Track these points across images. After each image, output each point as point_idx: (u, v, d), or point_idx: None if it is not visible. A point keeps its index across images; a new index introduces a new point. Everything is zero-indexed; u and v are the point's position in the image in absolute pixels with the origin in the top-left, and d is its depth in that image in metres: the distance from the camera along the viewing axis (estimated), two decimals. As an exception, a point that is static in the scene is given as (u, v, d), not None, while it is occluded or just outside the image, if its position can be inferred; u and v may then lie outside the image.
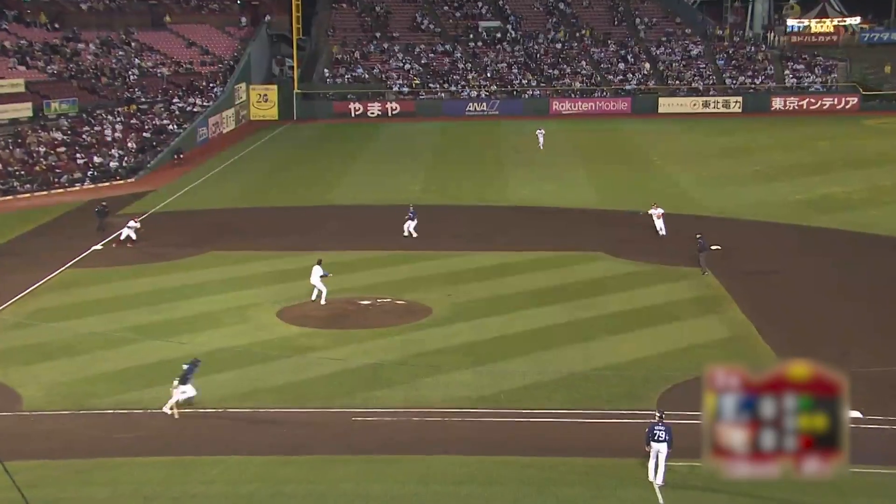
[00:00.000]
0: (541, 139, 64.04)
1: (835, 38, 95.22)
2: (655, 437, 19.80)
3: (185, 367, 23.88)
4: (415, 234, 40.98)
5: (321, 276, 32.64)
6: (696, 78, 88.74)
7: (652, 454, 19.82)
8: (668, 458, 19.69)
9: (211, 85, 79.12)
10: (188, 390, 23.48)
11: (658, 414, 20.24)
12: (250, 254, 39.70)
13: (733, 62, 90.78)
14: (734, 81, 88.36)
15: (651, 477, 19.76)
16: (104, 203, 44.20)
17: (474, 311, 31.55)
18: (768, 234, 42.18)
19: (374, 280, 35.58)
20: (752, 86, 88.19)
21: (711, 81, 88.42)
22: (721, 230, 42.04)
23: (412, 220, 41.35)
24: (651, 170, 59.15)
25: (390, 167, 61.24)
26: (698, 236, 36.86)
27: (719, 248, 39.44)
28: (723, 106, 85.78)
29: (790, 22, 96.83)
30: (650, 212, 40.52)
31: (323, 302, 32.37)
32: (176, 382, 23.43)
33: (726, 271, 36.14)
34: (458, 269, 37.02)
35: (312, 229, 44.16)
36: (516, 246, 40.47)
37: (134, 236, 40.79)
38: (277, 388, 25.06)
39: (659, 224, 39.88)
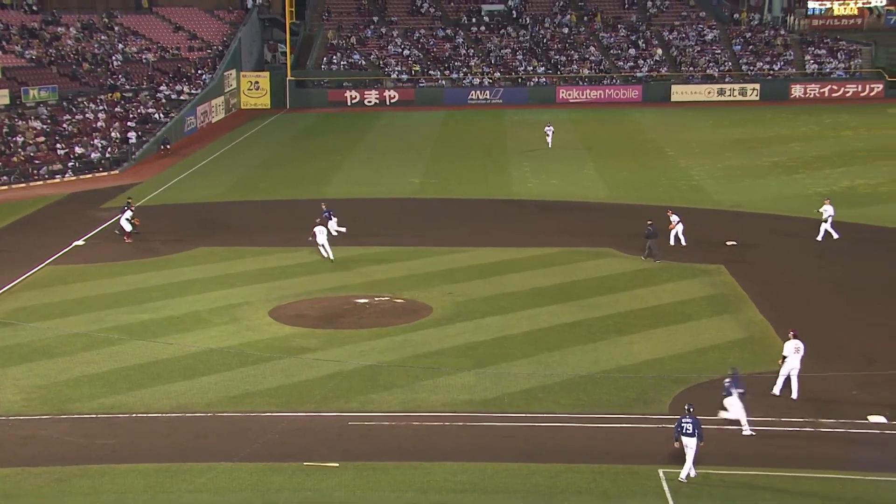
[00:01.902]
0: (549, 137, 62.58)
1: (859, 20, 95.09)
2: (683, 431, 20.17)
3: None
4: (341, 231, 40.56)
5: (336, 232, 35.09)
6: (710, 64, 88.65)
7: (686, 450, 20.22)
8: (697, 451, 20.09)
9: (199, 72, 79.11)
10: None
11: (687, 407, 20.47)
12: (241, 250, 39.71)
13: (750, 47, 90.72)
14: (751, 68, 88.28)
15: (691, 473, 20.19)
16: (130, 199, 44.01)
17: (476, 311, 31.58)
18: (787, 230, 42.18)
19: (372, 277, 35.61)
20: (771, 72, 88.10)
21: (727, 68, 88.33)
22: (737, 225, 42.03)
23: (330, 219, 40.76)
24: (663, 161, 59.13)
25: (388, 159, 61.25)
26: (649, 223, 37.47)
27: (735, 243, 39.50)
28: (739, 94, 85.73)
29: (811, 4, 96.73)
30: (671, 219, 39.40)
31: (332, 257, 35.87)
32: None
33: (742, 269, 36.15)
34: (460, 265, 37.04)
35: (306, 224, 44.14)
36: (520, 242, 40.48)
37: (128, 227, 40.76)
38: (270, 392, 25.10)
39: (676, 232, 39.13)
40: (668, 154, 61.51)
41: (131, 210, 41.53)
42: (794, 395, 23.97)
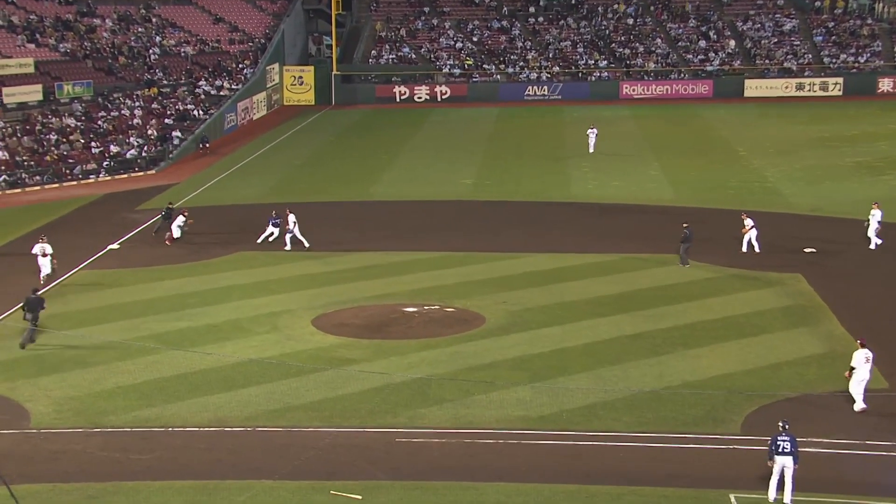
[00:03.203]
0: (592, 139, 60.55)
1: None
2: (780, 450, 19.91)
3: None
4: (306, 244, 40.42)
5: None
6: (788, 57, 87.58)
7: (775, 470, 19.95)
8: (795, 473, 19.82)
9: (240, 66, 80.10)
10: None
11: (781, 424, 20.26)
12: (283, 254, 40.07)
13: (833, 38, 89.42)
14: (834, 60, 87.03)
15: (772, 496, 19.83)
16: (171, 204, 44.79)
17: (532, 321, 31.55)
18: (871, 236, 41.52)
19: (421, 285, 35.72)
20: (856, 65, 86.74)
21: (807, 60, 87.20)
22: (816, 231, 41.48)
23: (275, 226, 40.87)
24: (734, 161, 58.52)
25: (439, 158, 61.41)
26: (685, 226, 37.19)
27: (814, 250, 39.00)
28: (820, 89, 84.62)
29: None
30: (745, 222, 38.83)
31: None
32: None
33: (822, 278, 35.66)
34: (514, 272, 37.03)
35: (351, 227, 44.47)
36: (579, 247, 40.35)
37: (178, 233, 41.51)
38: (312, 405, 25.29)
39: (749, 237, 38.63)
40: (739, 154, 60.88)
41: (184, 216, 42.01)
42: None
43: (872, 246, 39.14)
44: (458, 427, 23.87)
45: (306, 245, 40.23)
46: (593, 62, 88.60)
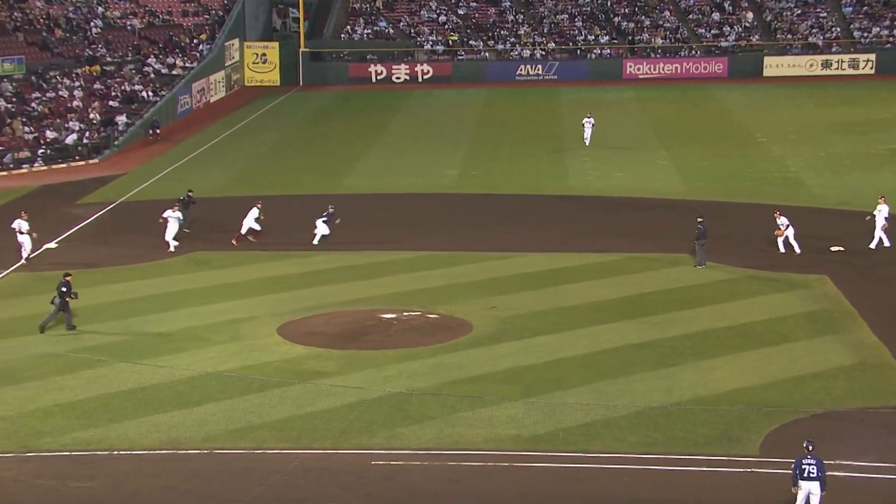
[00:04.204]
0: (588, 131, 59.07)
1: None
2: (805, 475, 19.93)
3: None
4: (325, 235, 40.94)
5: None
6: (813, 31, 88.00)
7: (800, 497, 20.03)
8: (822, 501, 19.86)
9: (195, 41, 79.94)
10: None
11: (806, 445, 20.32)
12: (245, 254, 40.04)
13: (864, 9, 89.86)
14: (865, 34, 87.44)
15: None
16: (191, 192, 44.51)
17: (525, 328, 31.59)
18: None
19: (400, 288, 35.72)
20: (890, 39, 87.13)
21: (834, 35, 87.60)
22: (844, 227, 41.66)
23: (326, 224, 41.01)
24: (752, 149, 58.75)
25: (421, 147, 61.41)
26: (699, 220, 37.35)
27: (842, 249, 39.18)
28: (849, 66, 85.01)
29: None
30: (778, 222, 38.90)
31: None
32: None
33: (851, 280, 35.83)
34: (505, 274, 37.07)
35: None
36: (579, 246, 40.42)
37: (257, 226, 41.20)
38: (277, 424, 25.25)
39: (786, 237, 38.54)
40: (758, 140, 61.10)
41: (258, 207, 41.68)
42: None
43: (874, 244, 39.11)
44: (442, 448, 23.86)
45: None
46: (593, 38, 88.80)
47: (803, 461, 20.10)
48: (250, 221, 41.50)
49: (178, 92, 72.00)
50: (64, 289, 31.77)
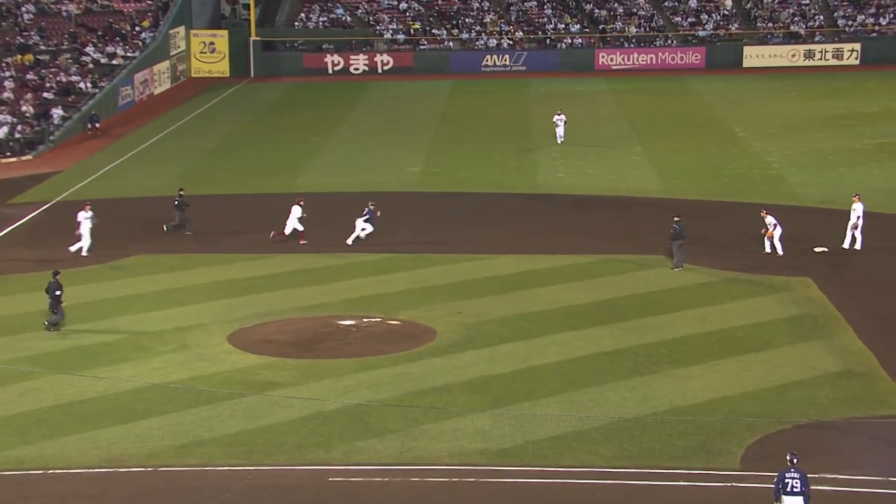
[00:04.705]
0: (560, 128, 58.82)
1: None
2: (788, 489, 20.00)
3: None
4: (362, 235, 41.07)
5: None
6: (795, 19, 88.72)
7: None
8: None
9: (137, 29, 79.43)
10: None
11: (790, 458, 20.40)
12: (192, 257, 39.91)
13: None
14: (850, 22, 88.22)
15: None
16: (182, 191, 43.91)
17: (492, 335, 31.65)
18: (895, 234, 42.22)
19: (359, 293, 35.71)
20: (876, 28, 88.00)
21: (818, 23, 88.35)
22: (829, 226, 41.99)
23: (368, 221, 41.09)
24: (732, 144, 59.14)
25: (380, 142, 61.34)
26: (676, 219, 37.61)
27: (826, 250, 39.52)
28: (833, 57, 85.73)
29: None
30: (766, 221, 39.07)
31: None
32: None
33: (836, 282, 36.16)
34: (471, 277, 37.14)
35: (275, 225, 44.27)
36: (549, 248, 40.57)
37: (300, 226, 41.05)
38: (228, 439, 25.15)
39: (773, 236, 38.85)
40: (737, 135, 61.53)
41: (300, 205, 41.47)
42: None
43: (846, 244, 39.43)
44: (404, 463, 23.85)
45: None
46: (563, 26, 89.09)
47: (786, 475, 20.18)
48: (294, 222, 41.24)
49: (118, 83, 71.54)
50: (58, 292, 32.16)
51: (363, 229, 41.21)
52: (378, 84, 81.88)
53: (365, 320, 33.30)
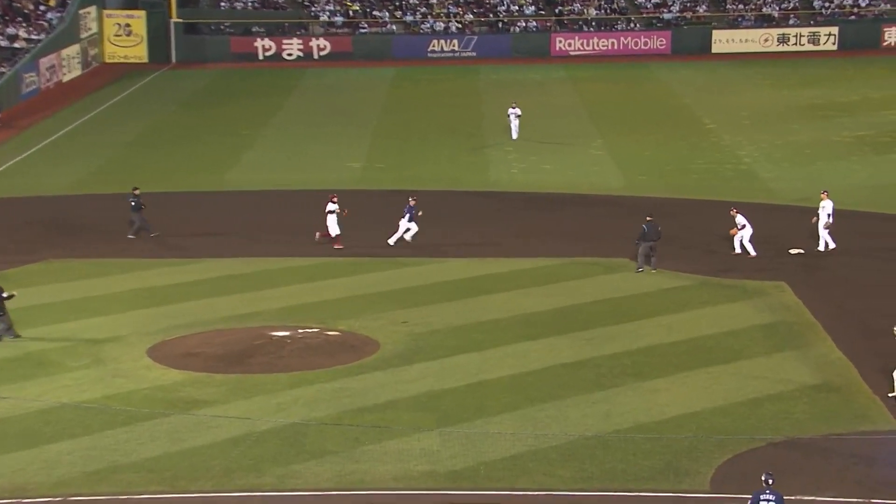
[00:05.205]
0: (514, 123, 58.61)
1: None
2: None
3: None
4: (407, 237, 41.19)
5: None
6: (768, 1, 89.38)
7: None
8: None
9: (42, 9, 78.67)
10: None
11: (764, 478, 20.58)
12: (108, 262, 39.62)
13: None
14: (827, 4, 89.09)
15: None
16: (136, 190, 43.19)
17: (441, 346, 31.66)
18: (877, 233, 42.69)
19: (295, 301, 35.62)
20: (855, 10, 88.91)
21: (792, 4, 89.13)
22: (805, 226, 42.36)
23: (412, 220, 41.11)
24: (700, 137, 59.59)
25: (317, 135, 61.22)
26: (648, 219, 37.92)
27: (801, 251, 39.90)
28: (809, 41, 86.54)
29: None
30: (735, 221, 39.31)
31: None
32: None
33: (813, 287, 36.52)
34: (418, 283, 37.16)
35: (202, 226, 44.07)
36: (502, 250, 40.68)
37: (337, 229, 40.91)
38: (148, 464, 24.94)
39: (741, 238, 39.30)
40: (707, 127, 62.00)
41: (333, 202, 41.11)
42: None
43: (822, 247, 39.88)
44: (344, 487, 23.80)
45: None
46: (517, 8, 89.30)
47: (761, 497, 20.37)
48: (334, 223, 40.99)
49: (21, 69, 70.75)
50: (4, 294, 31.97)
51: (407, 229, 41.16)
52: (314, 71, 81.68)
53: (301, 331, 33.21)
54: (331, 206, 41.11)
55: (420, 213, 41.13)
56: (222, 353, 31.59)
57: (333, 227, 41.08)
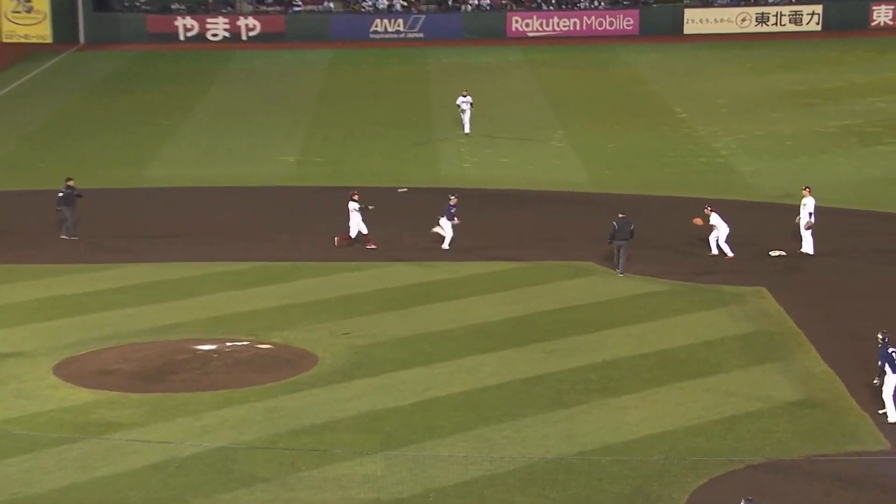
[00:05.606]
0: (466, 114, 58.59)
1: None
2: None
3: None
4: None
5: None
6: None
7: None
8: None
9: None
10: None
11: (744, 502, 20.61)
12: (10, 269, 39.42)
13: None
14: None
15: None
16: (70, 182, 42.94)
17: (386, 360, 31.65)
18: (865, 232, 43.12)
19: (222, 310, 35.56)
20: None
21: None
22: (786, 225, 42.70)
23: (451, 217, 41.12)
24: (672, 127, 59.91)
25: (246, 126, 61.05)
26: (620, 216, 38.14)
27: (783, 253, 40.19)
28: (791, 21, 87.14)
29: None
30: (709, 216, 39.83)
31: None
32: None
33: (795, 292, 36.79)
34: (361, 290, 37.16)
35: (116, 227, 43.84)
36: (454, 253, 40.73)
37: (363, 229, 41.10)
38: (54, 495, 24.78)
39: (716, 237, 39.68)
40: (679, 116, 62.34)
41: (354, 199, 41.02)
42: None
43: (805, 248, 40.20)
44: (279, 519, 23.81)
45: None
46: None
47: None
48: (357, 221, 40.94)
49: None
50: None
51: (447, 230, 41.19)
52: (242, 54, 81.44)
53: (229, 344, 33.12)
54: (353, 205, 41.12)
55: (371, 208, 41.16)
56: (140, 369, 31.43)
57: (359, 227, 41.14)
